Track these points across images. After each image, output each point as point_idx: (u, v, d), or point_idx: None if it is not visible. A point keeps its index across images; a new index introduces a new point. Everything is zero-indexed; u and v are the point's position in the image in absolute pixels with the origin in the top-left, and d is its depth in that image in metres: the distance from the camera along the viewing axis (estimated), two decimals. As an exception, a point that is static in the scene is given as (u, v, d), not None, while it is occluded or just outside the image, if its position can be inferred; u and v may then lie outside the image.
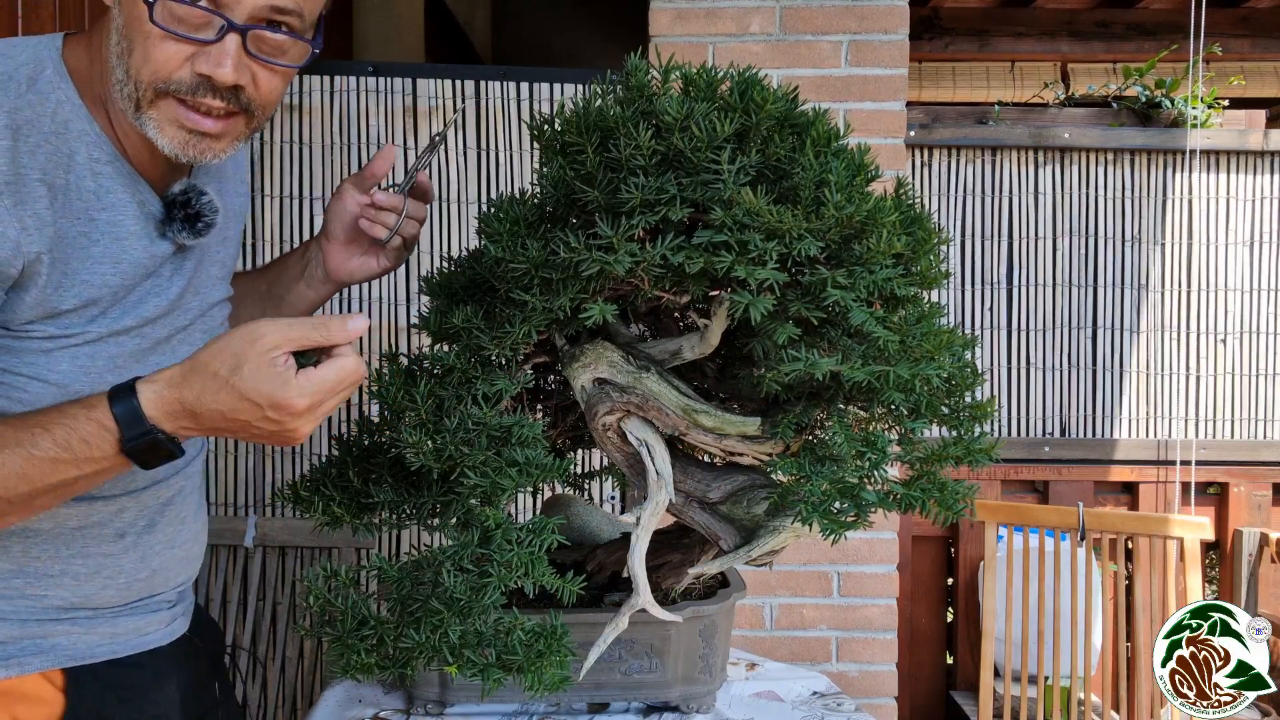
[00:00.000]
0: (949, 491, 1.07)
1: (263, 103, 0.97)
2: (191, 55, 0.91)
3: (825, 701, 1.39)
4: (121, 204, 0.99)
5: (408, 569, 1.01)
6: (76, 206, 0.96)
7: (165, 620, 1.15)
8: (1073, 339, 3.04)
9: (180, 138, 0.95)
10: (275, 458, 2.46)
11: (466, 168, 2.42)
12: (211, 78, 0.92)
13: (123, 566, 1.08)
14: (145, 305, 1.03)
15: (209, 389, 0.85)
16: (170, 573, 1.14)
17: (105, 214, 0.98)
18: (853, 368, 0.96)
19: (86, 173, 0.96)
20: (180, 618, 1.18)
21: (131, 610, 1.11)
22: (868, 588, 2.31)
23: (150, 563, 1.10)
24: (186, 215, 1.02)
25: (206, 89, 0.92)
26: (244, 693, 2.38)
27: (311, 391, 0.86)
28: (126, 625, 1.10)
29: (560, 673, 0.98)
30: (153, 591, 1.12)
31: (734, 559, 1.13)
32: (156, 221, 1.02)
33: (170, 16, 0.89)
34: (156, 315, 1.04)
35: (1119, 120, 3.08)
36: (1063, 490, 2.98)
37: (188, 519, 1.16)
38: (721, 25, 2.25)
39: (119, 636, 1.09)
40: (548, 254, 0.98)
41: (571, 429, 1.27)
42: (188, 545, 1.16)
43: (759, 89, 0.98)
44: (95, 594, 1.06)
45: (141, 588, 1.10)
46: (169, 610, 1.16)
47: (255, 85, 0.95)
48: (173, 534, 1.13)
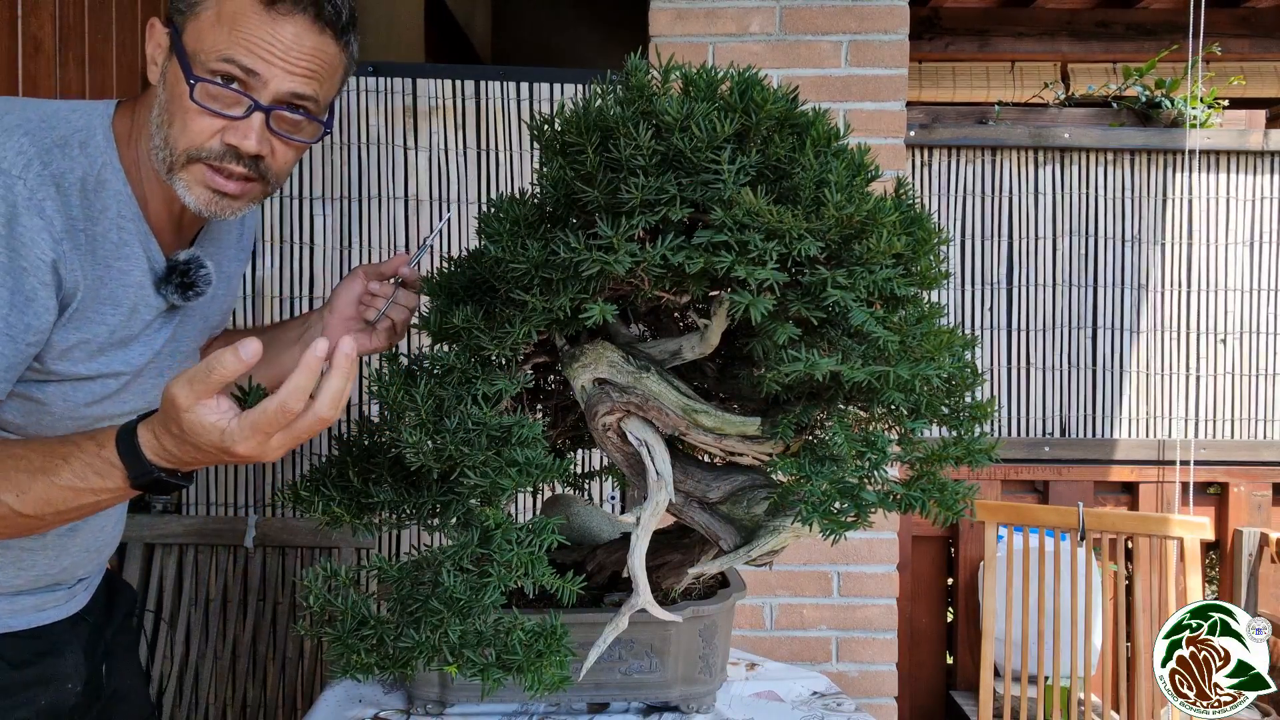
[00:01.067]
0: (949, 492, 1.07)
1: (278, 171, 1.13)
2: (222, 129, 1.07)
3: (825, 701, 1.39)
4: (135, 256, 1.13)
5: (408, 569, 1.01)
6: (99, 255, 1.09)
7: (64, 598, 1.27)
8: (1073, 339, 3.04)
9: (205, 196, 1.10)
10: (275, 458, 2.46)
11: (466, 168, 2.42)
12: (238, 148, 1.07)
13: (37, 561, 1.20)
14: (132, 353, 1.16)
15: (174, 440, 0.93)
16: (80, 568, 1.26)
17: (120, 264, 1.11)
18: (853, 368, 0.96)
19: (113, 226, 1.10)
20: (81, 594, 1.30)
21: (35, 591, 1.22)
22: (868, 588, 2.31)
23: (63, 560, 1.22)
24: (182, 281, 1.16)
25: (233, 157, 1.08)
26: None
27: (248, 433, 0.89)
28: (25, 603, 1.22)
29: (560, 673, 0.98)
30: (58, 582, 1.24)
31: (734, 559, 1.13)
32: (156, 278, 1.16)
33: (208, 96, 1.06)
34: (142, 364, 1.18)
35: (1119, 120, 3.09)
36: (1063, 490, 2.98)
37: (108, 526, 1.29)
38: (721, 25, 2.25)
39: (17, 613, 1.21)
40: (548, 254, 0.98)
41: (571, 429, 1.27)
42: (102, 548, 1.30)
43: (759, 89, 0.98)
44: (4, 581, 1.19)
45: (49, 580, 1.22)
46: (68, 589, 1.27)
47: (273, 155, 1.11)
48: (91, 539, 1.26)
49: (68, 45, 1.96)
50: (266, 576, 2.42)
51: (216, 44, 1.05)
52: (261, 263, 2.42)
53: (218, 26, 1.05)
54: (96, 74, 2.05)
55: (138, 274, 1.13)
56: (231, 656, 2.41)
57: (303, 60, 1.08)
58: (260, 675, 2.42)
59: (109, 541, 1.32)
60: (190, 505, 2.46)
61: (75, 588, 1.28)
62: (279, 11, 1.05)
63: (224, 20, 1.05)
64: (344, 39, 1.12)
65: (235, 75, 1.05)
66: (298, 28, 1.07)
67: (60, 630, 1.25)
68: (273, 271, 2.42)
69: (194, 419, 0.89)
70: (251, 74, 1.05)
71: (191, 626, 2.40)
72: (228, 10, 1.05)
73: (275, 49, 1.06)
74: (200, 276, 1.17)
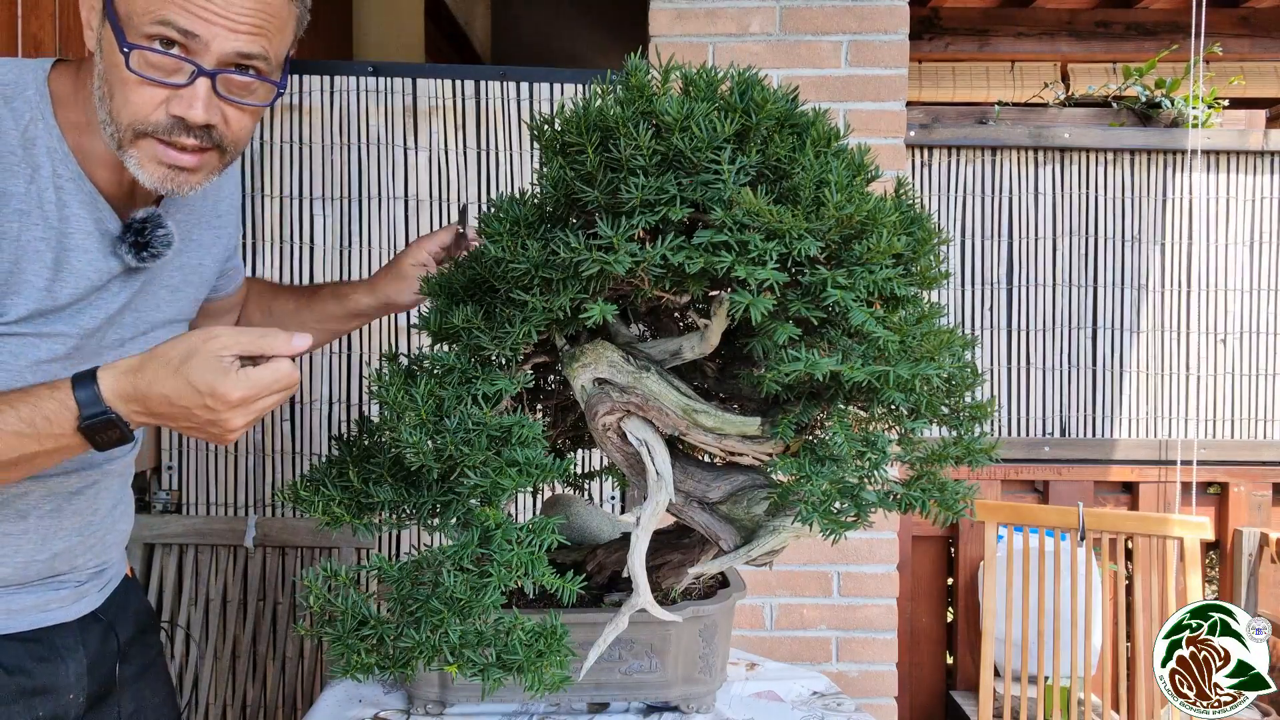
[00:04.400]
0: (949, 491, 1.07)
1: (234, 139, 1.05)
2: (166, 99, 0.99)
3: (825, 701, 1.39)
4: (76, 218, 1.07)
5: (408, 569, 1.01)
6: (35, 214, 1.04)
7: (71, 598, 1.21)
8: (1073, 339, 3.04)
9: (160, 173, 1.03)
10: (275, 458, 2.47)
11: (466, 168, 2.42)
12: (185, 118, 1.00)
13: (21, 546, 1.14)
14: (83, 315, 1.10)
15: (160, 375, 0.94)
16: (73, 558, 1.20)
17: (60, 225, 1.06)
18: (853, 368, 0.96)
19: (49, 185, 1.04)
20: (93, 594, 1.24)
21: (31, 588, 1.17)
22: (868, 588, 2.31)
23: (51, 546, 1.16)
24: (136, 241, 1.10)
25: (181, 129, 1.00)
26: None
27: (247, 386, 0.93)
28: (25, 601, 1.16)
29: (560, 673, 0.98)
30: (53, 573, 1.18)
31: (734, 559, 1.13)
32: (112, 239, 1.10)
33: (145, 64, 0.98)
34: (93, 327, 1.11)
35: (1119, 120, 3.09)
36: (1063, 490, 2.98)
37: (100, 511, 1.22)
38: (721, 25, 2.25)
39: (16, 613, 1.16)
40: (548, 254, 0.98)
41: (571, 429, 1.27)
42: (97, 535, 1.23)
43: (759, 89, 0.98)
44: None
45: (41, 568, 1.16)
46: (75, 589, 1.21)
47: (226, 123, 1.03)
48: (80, 523, 1.20)
49: (67, 45, 1.96)
50: (266, 576, 2.42)
51: (149, 5, 0.96)
52: (261, 263, 2.42)
53: None
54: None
55: (81, 238, 1.07)
56: (231, 656, 2.41)
57: (245, 15, 0.98)
58: (260, 675, 2.42)
59: (109, 525, 1.25)
60: (190, 505, 2.46)
61: (85, 586, 1.22)
62: None
63: None
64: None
65: (173, 38, 0.97)
66: None
67: (65, 634, 1.19)
68: (273, 271, 2.42)
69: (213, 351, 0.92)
70: (190, 36, 0.96)
71: (191, 626, 2.40)
72: None
73: (214, 6, 0.96)
74: (157, 237, 1.10)
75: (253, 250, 2.40)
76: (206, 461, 2.46)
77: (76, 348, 1.10)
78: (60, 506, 1.17)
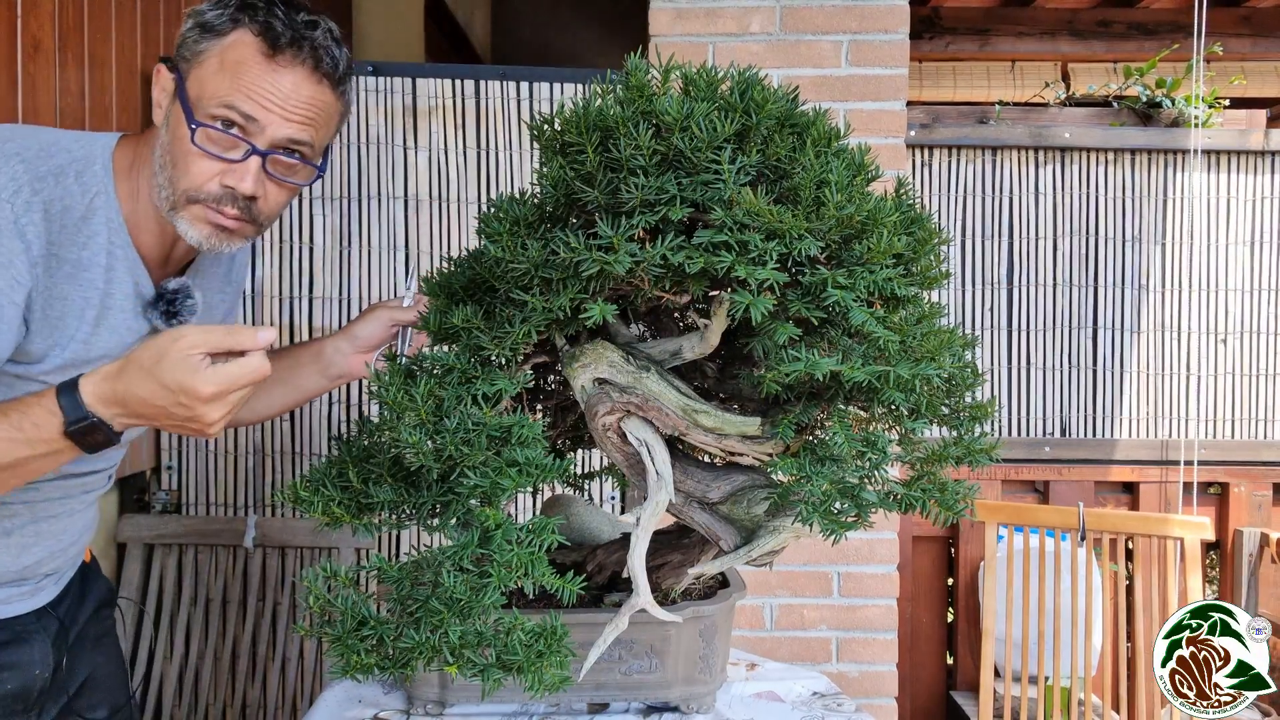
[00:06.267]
0: (949, 491, 1.07)
1: (268, 214, 1.19)
2: (220, 171, 1.13)
3: (825, 702, 1.39)
4: (120, 281, 1.18)
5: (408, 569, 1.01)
6: (85, 276, 1.15)
7: (30, 592, 1.31)
8: (1073, 339, 3.04)
9: (206, 231, 1.16)
10: (275, 458, 2.47)
11: (466, 168, 2.42)
12: (235, 189, 1.13)
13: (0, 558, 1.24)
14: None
15: (136, 378, 0.99)
16: (43, 565, 1.30)
17: (106, 286, 1.17)
18: (853, 368, 0.96)
19: (103, 251, 1.16)
20: (50, 587, 1.34)
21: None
22: (868, 588, 2.31)
23: (24, 558, 1.26)
24: (169, 309, 1.23)
25: (228, 200, 1.14)
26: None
27: (217, 381, 0.98)
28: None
29: (560, 673, 0.98)
30: (22, 578, 1.28)
31: (734, 559, 1.13)
32: (144, 303, 1.22)
33: (208, 139, 1.12)
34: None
35: (1119, 120, 3.08)
36: (1063, 490, 2.98)
37: (70, 528, 1.33)
38: (721, 25, 2.25)
39: None
40: (548, 254, 0.98)
41: (571, 429, 1.27)
42: (66, 547, 1.33)
43: (759, 89, 0.98)
44: None
45: (12, 575, 1.26)
46: (34, 584, 1.31)
47: (265, 199, 1.16)
48: (54, 540, 1.30)
49: (67, 45, 1.96)
50: (266, 576, 2.42)
51: (218, 91, 1.11)
52: (262, 263, 2.42)
53: (220, 74, 1.11)
54: (96, 74, 2.05)
55: (122, 298, 1.19)
56: (231, 656, 2.41)
57: (300, 108, 1.14)
58: (260, 675, 2.42)
59: (76, 540, 1.35)
60: (190, 505, 2.46)
61: (42, 582, 1.32)
62: (280, 63, 1.11)
63: (226, 69, 1.11)
64: (340, 88, 1.19)
65: (235, 120, 1.11)
66: (297, 78, 1.13)
67: (26, 621, 1.30)
68: (273, 271, 2.42)
69: (181, 351, 0.96)
70: (251, 120, 1.11)
71: (192, 626, 2.40)
72: (230, 59, 1.11)
73: (274, 97, 1.12)
74: (186, 306, 1.23)
75: (253, 250, 2.40)
76: (206, 462, 2.46)
77: None
78: (40, 526, 1.27)
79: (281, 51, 1.11)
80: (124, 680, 1.50)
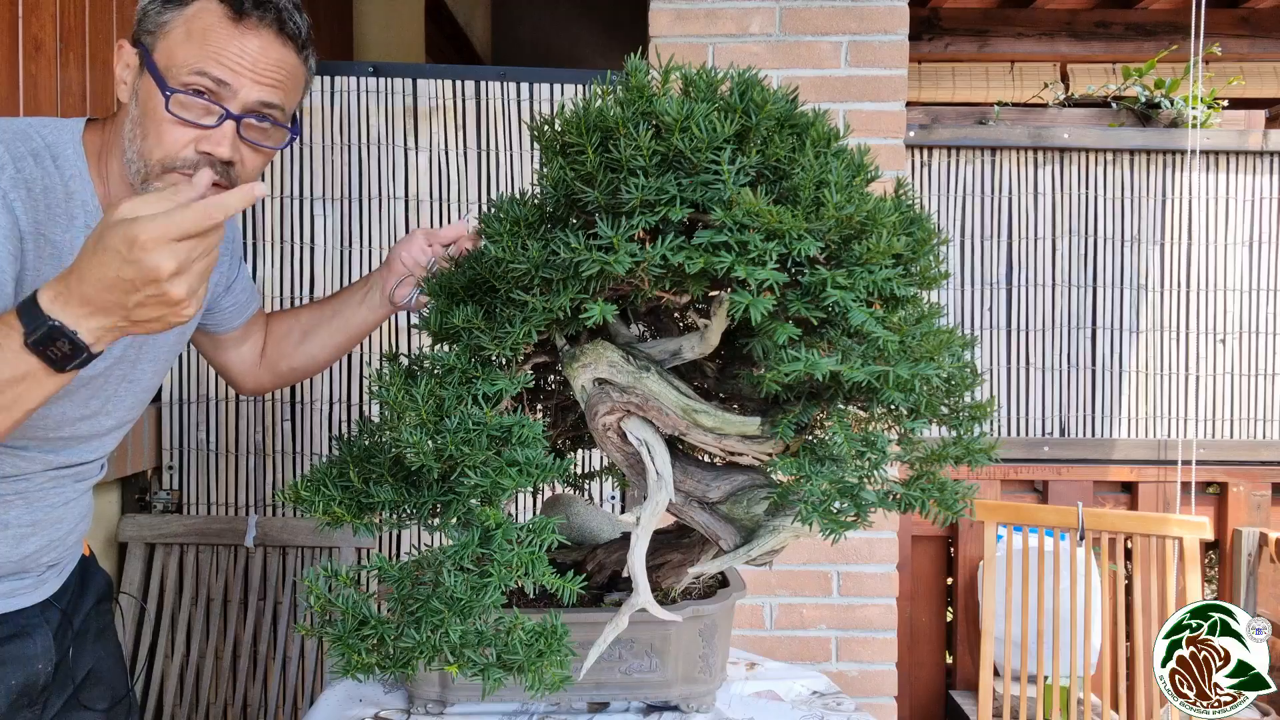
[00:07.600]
0: (949, 491, 1.07)
1: (246, 179, 1.19)
2: (195, 138, 1.13)
3: (825, 701, 1.39)
4: None
5: (408, 569, 1.01)
6: (66, 261, 1.14)
7: (33, 585, 1.32)
8: (1072, 339, 3.04)
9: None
10: (275, 458, 2.47)
11: (466, 168, 2.42)
12: (211, 154, 1.13)
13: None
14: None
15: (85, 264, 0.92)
16: (42, 555, 1.31)
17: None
18: (852, 368, 0.96)
19: (81, 233, 1.16)
20: (52, 580, 1.35)
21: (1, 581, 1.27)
22: (867, 587, 2.31)
23: (23, 547, 1.27)
24: None
25: (205, 166, 1.13)
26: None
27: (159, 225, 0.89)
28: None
29: (560, 672, 0.98)
30: (21, 571, 1.29)
31: (734, 559, 1.14)
32: None
33: (181, 106, 1.12)
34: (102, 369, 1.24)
35: (1118, 120, 3.09)
36: (1062, 490, 2.99)
37: (67, 516, 1.33)
38: (721, 25, 2.25)
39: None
40: (548, 254, 0.99)
41: (571, 429, 1.27)
42: (64, 536, 1.34)
43: (759, 89, 0.98)
44: None
45: (11, 568, 1.27)
46: (36, 576, 1.32)
47: (242, 164, 1.17)
48: (51, 529, 1.31)
49: (68, 45, 1.96)
50: (267, 576, 2.42)
51: (188, 58, 1.12)
52: (262, 263, 2.42)
53: (188, 43, 1.12)
54: (97, 74, 2.06)
55: None
56: (231, 656, 2.41)
57: (269, 70, 1.15)
58: (260, 675, 2.42)
59: (73, 529, 1.36)
60: (190, 505, 2.46)
61: (45, 575, 1.33)
62: (246, 26, 1.13)
63: (194, 36, 1.12)
64: (304, 54, 1.21)
65: (207, 87, 1.12)
66: (263, 40, 1.15)
67: (30, 615, 1.31)
68: (273, 271, 2.43)
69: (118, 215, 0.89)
70: (222, 84, 1.12)
71: (192, 626, 2.40)
72: (197, 27, 1.13)
73: (244, 60, 1.13)
74: None
75: (253, 251, 2.41)
76: (207, 461, 2.46)
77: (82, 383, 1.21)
78: (37, 520, 1.27)
79: (246, 15, 1.13)
80: (123, 672, 1.52)
